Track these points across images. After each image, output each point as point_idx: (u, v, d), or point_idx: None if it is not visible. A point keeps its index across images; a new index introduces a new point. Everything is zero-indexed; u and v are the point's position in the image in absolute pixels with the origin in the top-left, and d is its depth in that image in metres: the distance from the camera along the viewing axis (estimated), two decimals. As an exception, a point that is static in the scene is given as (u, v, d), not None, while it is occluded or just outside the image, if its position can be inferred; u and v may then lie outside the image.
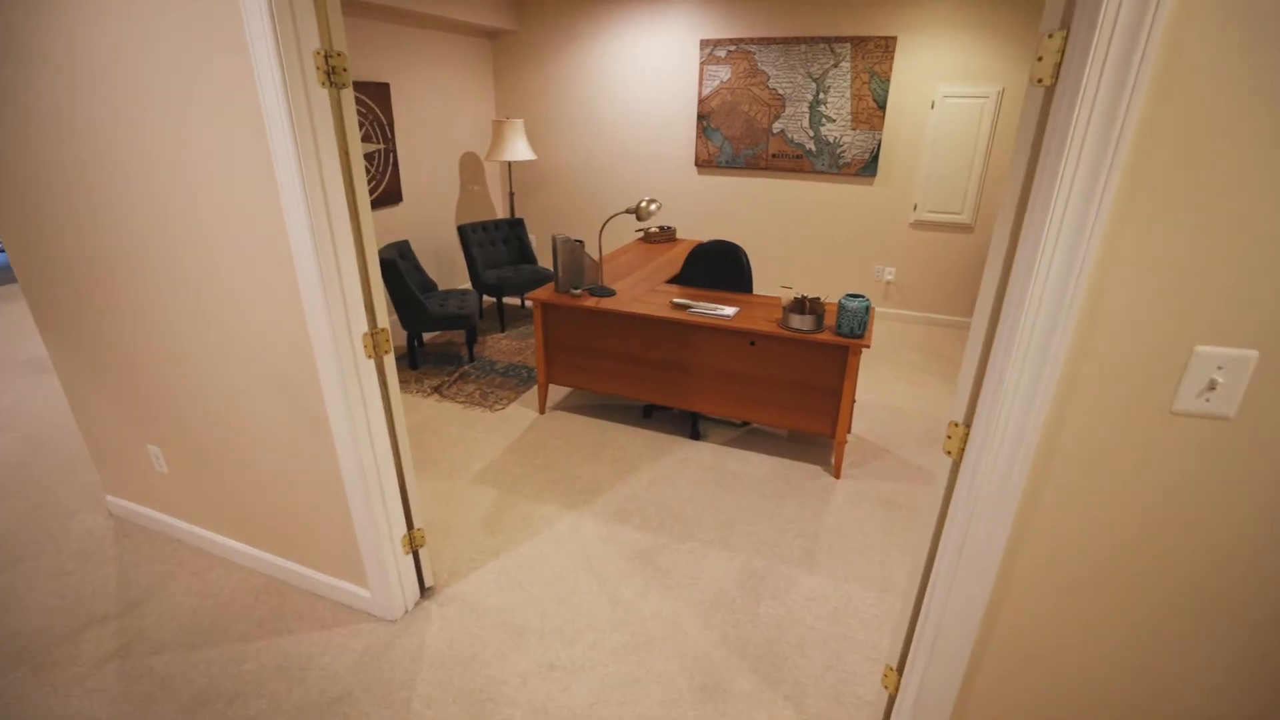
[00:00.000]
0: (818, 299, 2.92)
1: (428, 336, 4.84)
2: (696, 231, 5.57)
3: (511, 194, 5.51)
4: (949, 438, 1.35)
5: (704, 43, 4.96)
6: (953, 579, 1.34)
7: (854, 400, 2.90)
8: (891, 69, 4.57)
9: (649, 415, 3.67)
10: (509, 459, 3.20)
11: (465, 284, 5.77)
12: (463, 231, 4.82)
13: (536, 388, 3.86)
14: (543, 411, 3.65)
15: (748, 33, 4.84)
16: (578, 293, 3.33)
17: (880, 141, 4.76)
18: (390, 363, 1.97)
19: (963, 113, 4.53)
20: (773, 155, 5.07)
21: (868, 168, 4.85)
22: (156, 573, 2.41)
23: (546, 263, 5.93)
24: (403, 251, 4.34)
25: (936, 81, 4.54)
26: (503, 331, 4.93)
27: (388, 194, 4.65)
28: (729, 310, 3.12)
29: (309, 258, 1.67)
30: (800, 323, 2.86)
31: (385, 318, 1.91)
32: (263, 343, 1.93)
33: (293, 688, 1.95)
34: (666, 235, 4.65)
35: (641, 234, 4.85)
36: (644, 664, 2.04)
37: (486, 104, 5.66)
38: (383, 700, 1.91)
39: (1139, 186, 0.96)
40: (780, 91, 4.87)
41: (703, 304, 3.20)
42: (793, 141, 4.97)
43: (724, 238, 5.47)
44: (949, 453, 1.35)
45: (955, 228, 4.86)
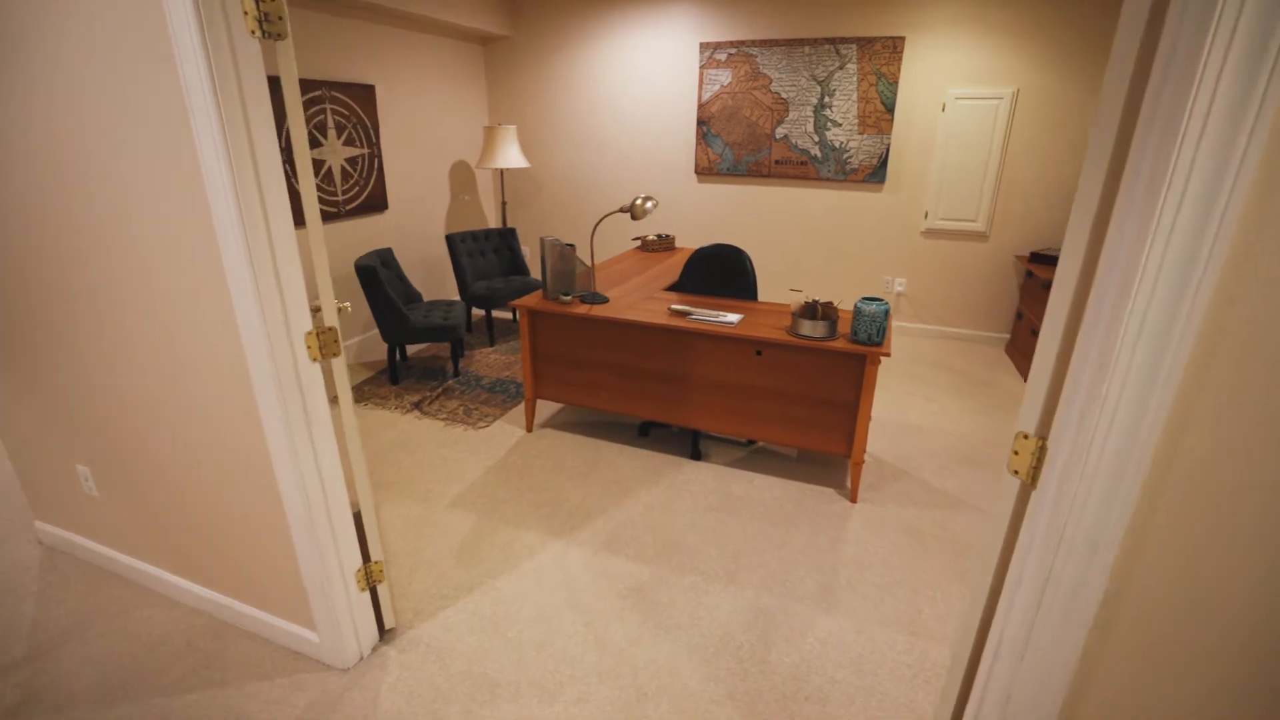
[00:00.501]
0: (830, 303, 2.65)
1: (411, 350, 4.57)
2: (697, 241, 5.33)
3: (504, 203, 5.28)
4: (1016, 453, 1.07)
5: (704, 46, 4.76)
6: (1028, 633, 1.04)
7: (870, 417, 2.61)
8: (900, 70, 4.36)
9: (645, 433, 3.37)
10: (491, 481, 2.90)
11: (454, 296, 5.51)
12: (450, 241, 4.58)
13: (524, 403, 3.57)
14: (530, 429, 3.36)
15: (749, 34, 4.64)
16: (568, 299, 3.07)
17: (889, 146, 4.53)
18: (341, 367, 1.70)
19: (975, 115, 4.31)
20: (776, 162, 4.84)
21: (876, 174, 4.62)
22: (81, 610, 2.11)
23: (539, 274, 5.67)
24: (385, 259, 4.09)
25: (947, 83, 4.32)
26: (491, 345, 4.66)
27: (371, 201, 4.41)
28: (732, 317, 2.85)
29: (234, 234, 1.41)
30: (812, 329, 2.59)
31: (334, 317, 1.64)
32: (191, 338, 1.65)
33: (217, 754, 1.64)
34: (665, 243, 4.41)
35: (639, 242, 4.60)
36: (636, 724, 1.73)
37: (478, 110, 5.46)
38: (323, 770, 1.60)
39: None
40: (783, 95, 4.66)
41: (704, 311, 2.92)
42: (797, 147, 4.75)
43: (725, 248, 5.22)
44: (1016, 472, 1.07)
45: (969, 236, 4.61)
